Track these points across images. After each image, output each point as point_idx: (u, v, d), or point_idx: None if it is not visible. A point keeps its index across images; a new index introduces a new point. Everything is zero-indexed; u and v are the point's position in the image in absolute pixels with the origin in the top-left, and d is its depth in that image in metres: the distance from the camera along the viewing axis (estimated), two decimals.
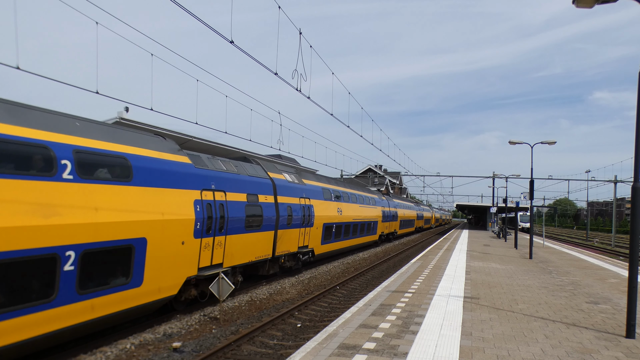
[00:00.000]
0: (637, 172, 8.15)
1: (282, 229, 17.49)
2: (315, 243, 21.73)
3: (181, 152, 12.24)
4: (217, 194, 13.13)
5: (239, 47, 11.47)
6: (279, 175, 18.44)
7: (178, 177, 11.46)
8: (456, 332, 8.36)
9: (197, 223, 11.87)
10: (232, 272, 14.44)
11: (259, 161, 17.71)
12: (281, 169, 19.44)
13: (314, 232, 21.15)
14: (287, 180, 18.86)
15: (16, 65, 8.93)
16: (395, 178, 75.40)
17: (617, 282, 15.47)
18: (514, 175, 43.43)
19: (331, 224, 23.48)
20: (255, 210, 15.37)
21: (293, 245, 18.95)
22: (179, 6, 9.32)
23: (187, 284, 12.29)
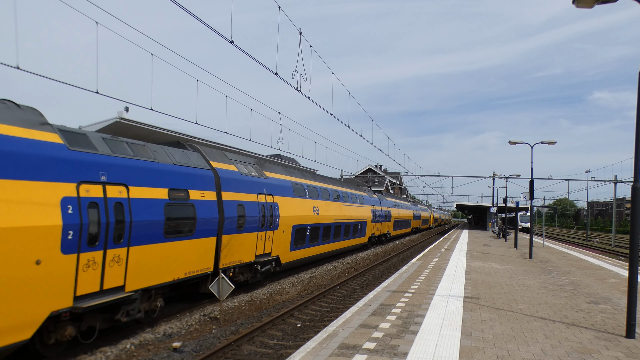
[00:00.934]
0: (637, 172, 8.15)
1: (230, 234, 14.00)
2: (282, 249, 17.98)
3: (47, 128, 8.68)
4: (111, 188, 9.65)
5: (239, 47, 11.48)
6: (228, 166, 14.73)
7: (31, 164, 8.00)
8: (456, 332, 8.36)
9: (69, 231, 8.46)
10: (144, 296, 10.85)
11: (199, 147, 14.01)
12: (234, 158, 15.66)
13: (279, 237, 17.45)
14: (239, 172, 15.15)
15: (16, 65, 8.93)
16: (395, 178, 75.43)
17: (617, 282, 15.47)
18: (514, 175, 43.47)
19: (304, 225, 19.94)
20: (183, 211, 11.81)
21: (248, 254, 15.32)
22: (179, 6, 9.33)
23: (57, 321, 8.72)
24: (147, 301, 11.11)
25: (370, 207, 32.76)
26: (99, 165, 9.48)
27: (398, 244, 42.03)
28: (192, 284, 13.21)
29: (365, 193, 32.86)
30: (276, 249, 17.41)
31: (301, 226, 19.60)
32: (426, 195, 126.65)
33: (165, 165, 11.55)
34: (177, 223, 11.61)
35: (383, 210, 37.34)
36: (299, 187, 20.06)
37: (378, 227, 35.89)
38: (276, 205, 17.25)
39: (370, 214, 32.58)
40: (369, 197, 33.45)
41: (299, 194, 19.74)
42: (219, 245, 13.57)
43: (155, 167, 11.11)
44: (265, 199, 16.41)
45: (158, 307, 11.45)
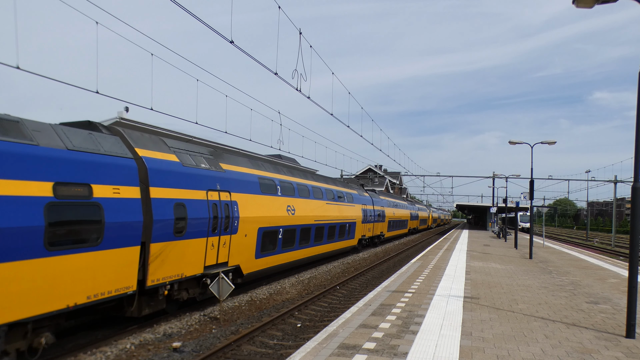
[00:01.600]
0: (637, 172, 8.15)
1: (164, 241, 11.05)
2: (245, 257, 14.89)
3: None
4: None
5: (239, 47, 11.48)
6: (163, 155, 11.63)
7: None
8: (456, 332, 8.36)
9: None
10: (15, 332, 8.12)
11: (122, 130, 11.21)
12: (176, 146, 12.66)
13: (240, 242, 14.40)
14: (180, 163, 12.06)
15: (16, 65, 8.93)
16: (395, 178, 75.45)
17: (617, 282, 15.47)
18: (514, 175, 43.47)
19: (274, 228, 16.81)
20: (82, 213, 9.02)
21: (194, 265, 12.31)
22: (179, 6, 9.33)
23: None
24: (22, 339, 8.24)
25: (360, 206, 29.90)
26: None
27: (398, 244, 42.00)
28: (112, 306, 10.68)
29: (354, 191, 29.87)
30: (236, 257, 14.35)
31: (270, 229, 16.45)
32: (426, 195, 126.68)
33: (52, 150, 8.63)
34: (71, 230, 8.72)
35: (376, 210, 34.61)
36: (268, 182, 16.95)
37: (370, 227, 32.99)
38: (235, 204, 14.19)
39: (361, 213, 29.79)
40: (360, 196, 30.63)
41: (268, 190, 16.68)
42: (145, 256, 10.57)
43: (30, 152, 8.18)
44: (219, 196, 13.36)
45: (42, 345, 8.49)
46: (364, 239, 32.15)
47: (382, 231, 37.95)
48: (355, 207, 28.53)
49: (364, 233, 31.51)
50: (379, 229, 36.48)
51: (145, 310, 11.13)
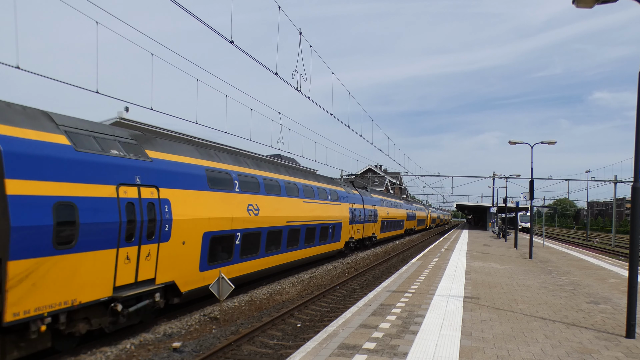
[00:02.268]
0: (637, 172, 8.15)
1: (36, 257, 7.97)
2: (182, 271, 11.79)
3: None
4: None
5: (239, 47, 11.48)
6: (41, 135, 8.51)
7: None
8: (456, 332, 8.36)
9: None
10: None
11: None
12: (69, 124, 9.42)
13: (174, 252, 11.34)
14: (71, 146, 8.99)
15: (16, 65, 8.93)
16: (395, 178, 75.47)
17: (617, 282, 15.47)
18: (514, 175, 43.49)
19: (229, 232, 13.73)
20: None
21: (95, 287, 9.17)
22: (179, 6, 9.33)
23: None
24: None
25: (348, 205, 26.74)
26: None
27: (398, 244, 41.98)
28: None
29: (340, 188, 26.37)
30: (168, 272, 11.18)
31: (222, 233, 13.34)
32: (426, 195, 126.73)
33: None
34: None
35: (367, 210, 31.47)
36: (221, 176, 13.76)
37: (359, 229, 29.77)
38: (166, 202, 11.08)
39: (348, 213, 26.58)
40: (347, 194, 27.31)
41: (219, 185, 13.46)
42: (1, 279, 7.56)
43: None
44: (139, 192, 10.27)
45: None
46: (352, 242, 29.01)
47: (374, 232, 34.72)
48: (341, 206, 25.34)
49: (352, 235, 28.18)
50: (370, 230, 33.33)
51: (14, 354, 8.06)
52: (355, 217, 28.50)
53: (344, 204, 26.09)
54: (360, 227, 30.15)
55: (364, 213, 30.81)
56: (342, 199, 26.01)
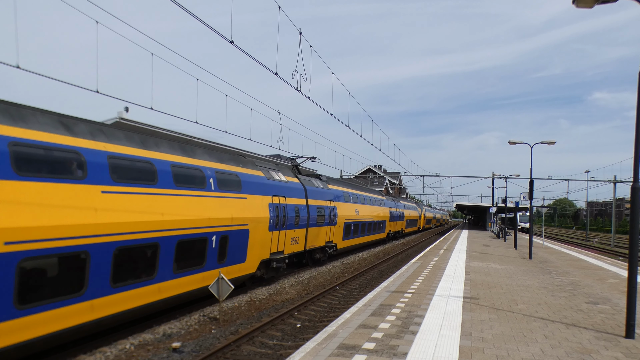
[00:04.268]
0: (637, 172, 8.15)
1: None
2: None
3: None
4: None
5: (239, 47, 11.48)
6: None
7: None
8: (456, 332, 8.36)
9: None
10: None
11: None
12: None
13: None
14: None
15: (16, 64, 8.93)
16: (395, 178, 75.46)
17: (617, 282, 15.48)
18: (513, 175, 43.49)
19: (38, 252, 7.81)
20: None
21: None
22: (179, 6, 9.33)
23: None
24: None
25: (266, 199, 16.44)
26: None
27: (397, 244, 41.95)
28: None
29: (250, 170, 15.93)
30: None
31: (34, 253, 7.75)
32: (426, 195, 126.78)
33: None
34: None
35: (316, 208, 21.57)
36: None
37: (296, 237, 19.40)
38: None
39: (267, 213, 16.27)
40: (268, 181, 16.88)
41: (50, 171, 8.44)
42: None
43: None
44: None
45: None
46: (277, 259, 17.48)
47: (331, 240, 24.31)
48: (248, 202, 14.96)
49: (279, 247, 17.52)
50: (322, 238, 22.81)
51: None
52: (287, 219, 17.97)
53: (255, 198, 15.50)
54: (299, 234, 19.58)
55: (310, 212, 20.60)
56: (254, 189, 15.53)
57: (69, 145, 9.12)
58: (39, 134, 8.54)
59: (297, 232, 19.34)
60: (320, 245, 23.01)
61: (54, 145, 8.79)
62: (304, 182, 21.08)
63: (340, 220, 25.56)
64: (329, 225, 23.87)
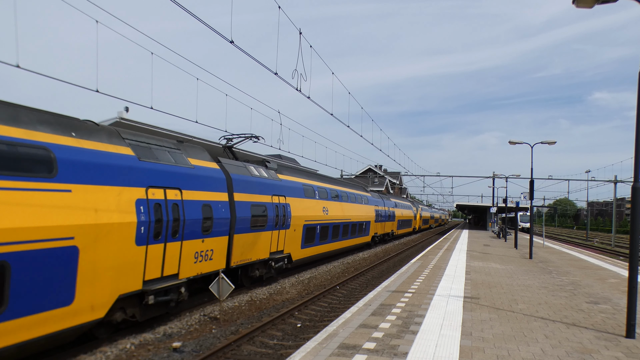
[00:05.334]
0: (637, 172, 8.15)
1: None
2: None
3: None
4: None
5: (239, 47, 11.48)
6: None
7: None
8: (456, 332, 8.35)
9: None
10: None
11: None
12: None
13: None
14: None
15: (16, 64, 8.93)
16: (395, 178, 75.44)
17: (617, 282, 15.47)
18: (513, 175, 43.49)
19: None
20: None
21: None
22: (180, 6, 9.33)
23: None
24: None
25: (137, 192, 10.45)
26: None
27: (397, 244, 41.92)
28: None
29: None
30: None
31: None
32: (426, 195, 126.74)
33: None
34: None
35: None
36: None
37: (206, 252, 13.03)
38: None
39: (134, 216, 10.16)
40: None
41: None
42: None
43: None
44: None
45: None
46: (156, 291, 10.90)
47: (280, 250, 17.95)
48: (75, 198, 8.75)
49: (164, 272, 11.25)
50: (264, 248, 16.53)
51: None
52: (186, 224, 11.79)
53: (98, 190, 9.41)
54: (215, 245, 13.31)
55: (237, 212, 14.50)
56: (96, 175, 9.43)
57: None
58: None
59: (209, 242, 12.85)
60: (261, 257, 16.42)
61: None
62: (228, 169, 14.64)
63: (296, 221, 19.21)
64: (278, 230, 17.46)
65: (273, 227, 17.01)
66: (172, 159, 11.92)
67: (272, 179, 17.76)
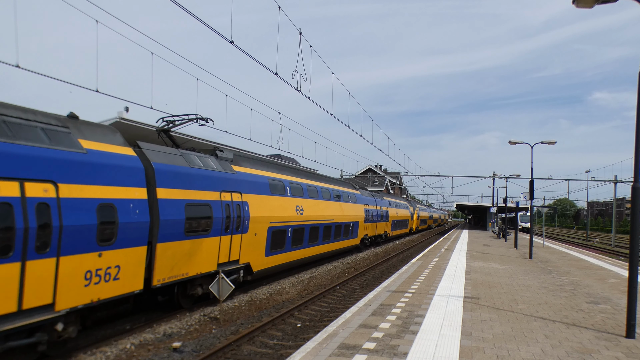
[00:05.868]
0: (637, 172, 8.15)
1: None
2: None
3: None
4: None
5: (239, 47, 11.49)
6: None
7: None
8: (456, 332, 8.35)
9: None
10: None
11: None
12: None
13: None
14: None
15: (16, 64, 8.93)
16: (395, 178, 75.46)
17: (617, 282, 15.47)
18: (513, 175, 43.48)
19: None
20: None
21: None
22: (179, 6, 9.33)
23: None
24: None
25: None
26: None
27: (398, 244, 41.92)
28: None
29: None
30: None
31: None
32: (426, 195, 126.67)
33: None
34: None
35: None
36: None
37: (104, 270, 9.46)
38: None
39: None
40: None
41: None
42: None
43: None
44: None
45: None
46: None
47: (235, 259, 14.42)
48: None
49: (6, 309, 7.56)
50: (209, 259, 13.06)
51: None
52: (64, 232, 8.50)
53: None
54: (123, 260, 9.94)
55: (162, 214, 11.17)
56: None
57: None
58: None
59: (111, 256, 9.64)
60: (204, 271, 12.80)
61: None
62: (150, 156, 11.27)
63: (258, 223, 15.56)
64: (230, 235, 13.85)
65: (222, 231, 13.41)
66: (44, 139, 8.59)
67: (224, 171, 14.06)
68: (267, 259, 16.55)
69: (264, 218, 16.00)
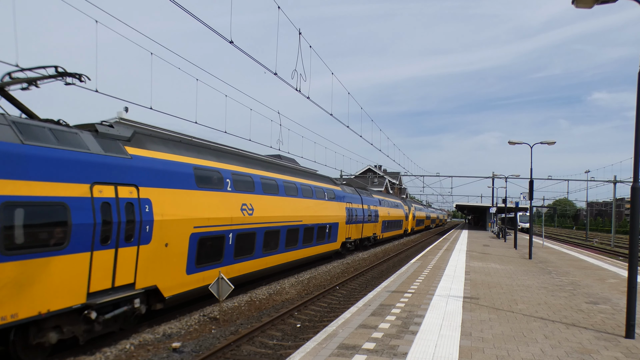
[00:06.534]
0: (637, 172, 8.15)
1: None
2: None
3: None
4: None
5: (239, 47, 11.49)
6: None
7: None
8: (456, 332, 8.36)
9: None
10: None
11: None
12: None
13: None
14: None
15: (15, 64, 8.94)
16: (395, 178, 75.48)
17: (617, 282, 15.48)
18: (513, 175, 43.50)
19: None
20: None
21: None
22: (179, 7, 9.33)
23: None
24: None
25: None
26: None
27: (397, 244, 41.93)
28: None
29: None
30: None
31: None
32: (426, 196, 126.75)
33: None
34: None
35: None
36: None
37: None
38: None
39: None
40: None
41: None
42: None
43: None
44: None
45: None
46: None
47: (134, 283, 10.10)
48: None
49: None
50: (99, 276, 9.14)
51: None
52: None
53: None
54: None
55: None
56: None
57: None
58: None
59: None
60: (60, 307, 8.46)
61: None
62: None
63: (171, 229, 11.28)
64: (113, 248, 9.59)
65: (96, 244, 9.11)
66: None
67: (106, 153, 9.75)
68: (190, 278, 12.13)
69: (182, 221, 11.67)
